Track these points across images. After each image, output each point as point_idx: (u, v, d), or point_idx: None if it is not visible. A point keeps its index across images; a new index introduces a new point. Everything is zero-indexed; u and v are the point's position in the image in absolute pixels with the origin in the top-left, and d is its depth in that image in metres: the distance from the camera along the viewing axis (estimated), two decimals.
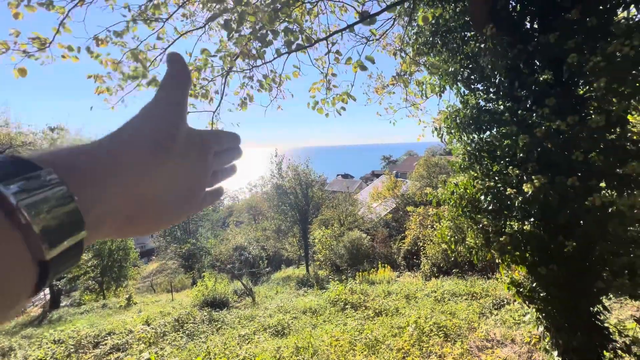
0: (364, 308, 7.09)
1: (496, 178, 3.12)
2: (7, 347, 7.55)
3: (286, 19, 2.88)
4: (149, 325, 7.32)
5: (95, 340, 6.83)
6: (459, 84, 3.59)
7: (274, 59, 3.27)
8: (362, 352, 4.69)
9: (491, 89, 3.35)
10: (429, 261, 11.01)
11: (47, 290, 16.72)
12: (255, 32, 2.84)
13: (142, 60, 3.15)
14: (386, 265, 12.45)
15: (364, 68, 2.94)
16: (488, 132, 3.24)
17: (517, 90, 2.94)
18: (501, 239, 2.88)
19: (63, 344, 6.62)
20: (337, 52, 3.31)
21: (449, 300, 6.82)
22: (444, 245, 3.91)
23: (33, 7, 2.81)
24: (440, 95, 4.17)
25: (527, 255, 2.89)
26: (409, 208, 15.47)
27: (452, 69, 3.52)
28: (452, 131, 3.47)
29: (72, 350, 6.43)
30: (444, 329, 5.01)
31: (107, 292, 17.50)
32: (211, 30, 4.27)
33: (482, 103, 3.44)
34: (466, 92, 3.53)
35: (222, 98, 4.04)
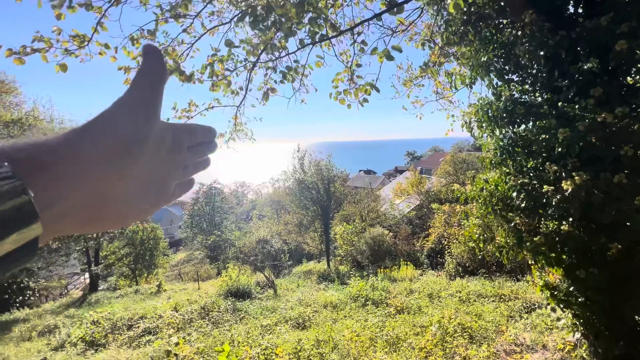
0: (385, 305, 7.02)
1: (531, 174, 2.93)
2: (52, 325, 8.29)
3: (311, 11, 2.85)
4: (177, 311, 7.69)
5: (129, 323, 7.30)
6: (491, 75, 3.40)
7: (298, 49, 3.26)
8: (383, 349, 4.65)
9: (527, 80, 3.15)
10: (454, 260, 10.65)
11: (86, 275, 18.06)
12: (280, 23, 2.83)
13: (170, 54, 3.25)
14: (408, 263, 12.21)
15: (390, 58, 2.85)
16: (523, 126, 3.06)
17: (557, 80, 2.74)
18: (535, 239, 2.72)
19: (100, 325, 7.13)
20: (363, 41, 3.24)
21: (475, 301, 6.58)
22: (471, 244, 3.77)
23: (74, 8, 2.98)
24: (471, 88, 3.98)
25: (564, 257, 2.71)
26: (434, 205, 15.02)
27: (485, 59, 3.34)
28: (483, 125, 3.30)
29: (108, 331, 6.92)
30: (469, 331, 4.84)
31: (139, 279, 18.62)
32: (237, 27, 4.34)
33: (517, 95, 3.25)
34: (499, 83, 3.34)
35: (246, 93, 4.10)
